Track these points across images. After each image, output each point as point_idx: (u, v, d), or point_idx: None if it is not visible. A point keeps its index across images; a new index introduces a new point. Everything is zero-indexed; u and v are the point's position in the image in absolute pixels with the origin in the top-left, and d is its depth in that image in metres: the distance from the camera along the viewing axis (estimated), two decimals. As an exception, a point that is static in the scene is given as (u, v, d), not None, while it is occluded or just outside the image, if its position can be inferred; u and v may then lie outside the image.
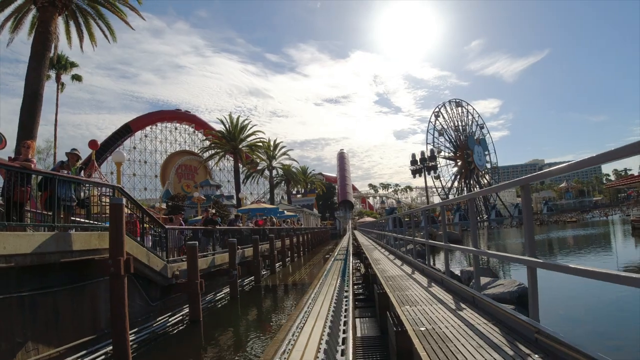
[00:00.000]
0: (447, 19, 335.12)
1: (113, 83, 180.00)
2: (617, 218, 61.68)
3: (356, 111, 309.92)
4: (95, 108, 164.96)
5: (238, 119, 41.38)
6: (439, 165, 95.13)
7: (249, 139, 41.86)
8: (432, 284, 6.35)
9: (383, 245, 17.63)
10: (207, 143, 47.34)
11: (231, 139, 39.80)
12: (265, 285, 16.88)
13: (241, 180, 48.88)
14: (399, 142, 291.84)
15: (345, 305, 7.21)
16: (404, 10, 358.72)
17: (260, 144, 44.08)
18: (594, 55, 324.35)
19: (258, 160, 47.76)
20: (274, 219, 22.70)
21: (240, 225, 21.04)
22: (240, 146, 40.33)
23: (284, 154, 52.88)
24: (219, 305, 12.65)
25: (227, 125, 40.82)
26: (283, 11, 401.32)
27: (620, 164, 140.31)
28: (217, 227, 13.85)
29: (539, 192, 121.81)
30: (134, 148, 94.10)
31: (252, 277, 16.82)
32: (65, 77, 38.33)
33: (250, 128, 42.11)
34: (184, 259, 10.65)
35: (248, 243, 17.17)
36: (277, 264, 22.27)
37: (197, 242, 10.22)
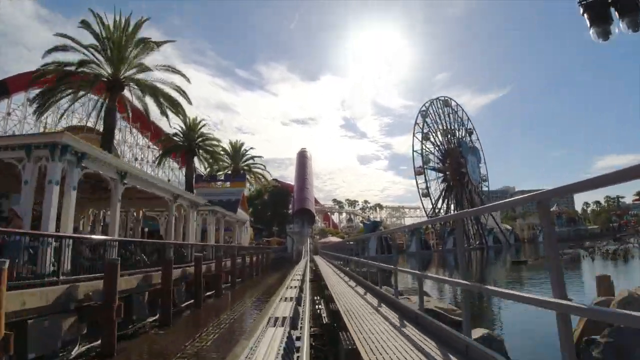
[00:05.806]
0: (416, 50, 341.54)
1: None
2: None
3: (322, 133, 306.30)
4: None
5: None
6: (428, 180, 77.03)
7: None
8: None
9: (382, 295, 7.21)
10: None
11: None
12: None
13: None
14: (362, 167, 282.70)
15: None
16: (376, 40, 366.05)
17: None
18: (552, 94, 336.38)
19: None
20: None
21: None
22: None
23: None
24: None
25: None
26: (258, 27, 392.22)
27: (612, 191, 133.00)
28: None
29: (524, 218, 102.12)
30: (8, 115, 66.23)
31: None
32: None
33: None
34: None
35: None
36: None
37: None
